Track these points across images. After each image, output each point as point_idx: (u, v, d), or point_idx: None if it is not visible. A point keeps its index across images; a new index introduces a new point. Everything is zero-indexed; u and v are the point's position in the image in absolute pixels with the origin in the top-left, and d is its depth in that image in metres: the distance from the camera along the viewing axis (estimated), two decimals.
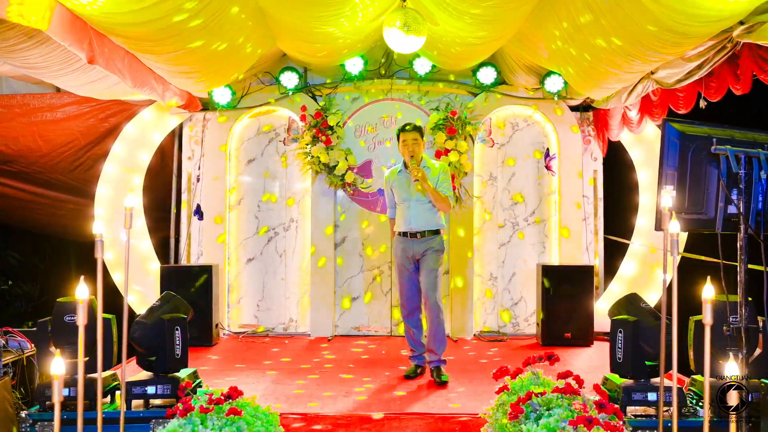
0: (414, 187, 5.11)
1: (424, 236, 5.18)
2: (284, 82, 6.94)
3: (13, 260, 7.17)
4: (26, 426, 3.96)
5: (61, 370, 2.22)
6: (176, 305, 4.51)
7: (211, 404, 3.51)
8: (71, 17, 4.03)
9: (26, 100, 6.57)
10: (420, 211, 5.18)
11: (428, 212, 5.19)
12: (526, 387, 3.77)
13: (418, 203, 5.17)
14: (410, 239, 5.20)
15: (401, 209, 5.26)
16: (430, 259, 5.17)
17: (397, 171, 5.34)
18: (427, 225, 5.19)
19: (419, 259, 5.21)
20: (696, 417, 3.94)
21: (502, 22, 5.23)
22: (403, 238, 5.23)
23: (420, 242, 5.18)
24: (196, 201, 7.13)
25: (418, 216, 5.18)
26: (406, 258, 5.22)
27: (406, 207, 5.23)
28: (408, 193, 5.20)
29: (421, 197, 5.15)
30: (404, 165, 5.26)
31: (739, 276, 3.40)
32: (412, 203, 5.20)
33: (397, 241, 5.29)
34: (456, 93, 7.13)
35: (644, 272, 7.06)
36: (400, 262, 5.27)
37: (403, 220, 5.24)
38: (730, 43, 4.17)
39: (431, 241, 5.18)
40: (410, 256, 5.21)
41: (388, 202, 5.48)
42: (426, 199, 5.15)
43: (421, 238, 5.18)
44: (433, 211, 5.21)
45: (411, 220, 5.20)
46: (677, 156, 3.45)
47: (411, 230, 5.20)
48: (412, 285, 5.24)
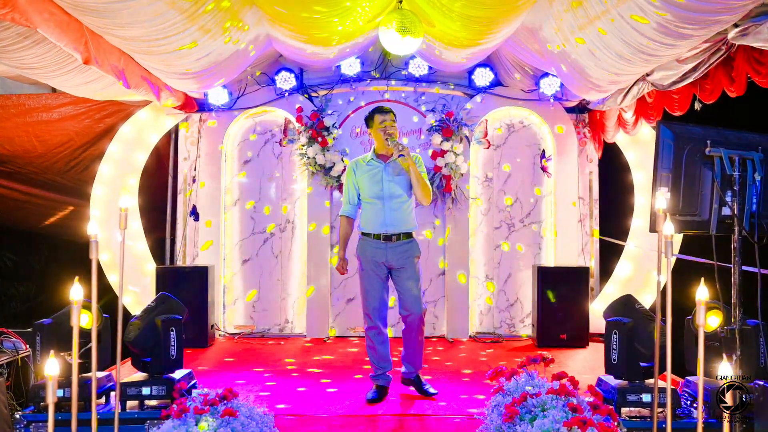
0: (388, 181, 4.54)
1: (400, 239, 4.54)
2: (280, 83, 6.94)
3: (8, 261, 7.16)
4: (20, 427, 3.95)
5: (55, 370, 2.22)
6: (171, 306, 4.50)
7: (206, 405, 3.51)
8: (67, 18, 4.03)
9: (22, 101, 6.56)
10: (395, 209, 4.54)
11: (404, 211, 4.57)
12: (522, 388, 3.78)
13: (393, 200, 4.54)
14: (383, 242, 4.54)
15: (370, 208, 4.59)
16: (412, 269, 4.57)
17: (366, 161, 4.66)
18: (404, 226, 4.56)
19: (394, 267, 4.57)
20: (690, 418, 3.95)
21: (497, 23, 5.24)
22: (374, 241, 4.55)
23: (396, 247, 4.54)
24: (192, 202, 7.12)
25: (393, 216, 4.54)
26: (376, 264, 4.55)
27: (378, 205, 4.56)
28: (380, 188, 4.56)
29: (396, 193, 4.54)
30: (375, 155, 4.66)
31: (733, 278, 3.41)
32: (385, 200, 4.55)
33: (366, 245, 4.60)
34: (452, 94, 7.13)
35: (639, 274, 7.07)
36: (369, 268, 4.58)
37: (374, 221, 4.57)
38: (724, 45, 4.18)
39: (409, 247, 4.57)
40: (382, 262, 4.55)
41: (348, 198, 4.69)
42: (402, 194, 4.55)
43: (396, 242, 4.54)
44: (409, 210, 4.60)
45: (386, 220, 4.54)
46: (672, 158, 3.47)
47: (386, 232, 4.53)
48: (381, 294, 4.59)
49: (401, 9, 5.20)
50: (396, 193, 4.55)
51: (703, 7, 3.56)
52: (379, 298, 4.59)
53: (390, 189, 4.55)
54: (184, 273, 6.58)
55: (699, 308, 2.72)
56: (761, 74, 4.16)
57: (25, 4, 3.57)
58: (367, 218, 4.61)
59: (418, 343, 4.61)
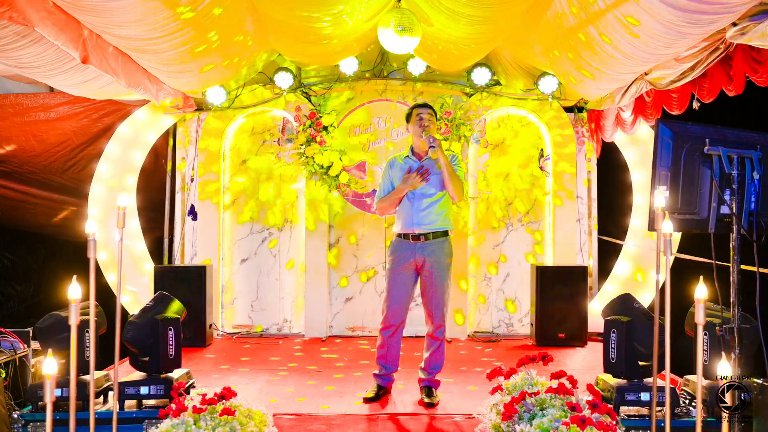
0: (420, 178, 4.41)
1: (429, 239, 4.41)
2: (278, 82, 6.92)
3: (6, 260, 7.15)
4: (18, 427, 3.95)
5: (53, 369, 2.21)
6: (170, 305, 4.50)
7: (205, 404, 3.51)
8: (65, 17, 4.02)
9: (19, 100, 6.55)
10: (424, 208, 4.42)
11: (435, 210, 4.43)
12: (520, 387, 3.78)
13: (423, 199, 4.43)
14: (413, 242, 4.43)
15: (401, 206, 4.50)
16: (441, 273, 4.42)
17: (403, 157, 4.59)
18: (434, 225, 4.42)
19: (422, 269, 4.44)
20: (689, 417, 3.95)
21: (496, 22, 5.24)
22: (404, 241, 4.46)
23: (425, 247, 4.41)
24: (190, 201, 7.11)
25: (423, 213, 4.42)
26: (403, 264, 4.45)
27: (408, 203, 4.46)
28: None
29: (428, 192, 4.42)
30: (412, 152, 4.57)
31: (731, 276, 3.41)
32: (415, 199, 4.43)
33: (397, 244, 4.52)
34: (450, 94, 7.13)
35: (638, 273, 7.07)
36: (395, 267, 4.49)
37: (405, 219, 4.46)
38: (723, 44, 4.18)
39: (439, 247, 4.42)
40: (410, 262, 4.44)
41: (384, 191, 4.59)
42: (434, 193, 4.43)
43: (425, 242, 4.41)
44: (442, 209, 4.45)
45: (414, 218, 4.42)
46: (670, 156, 3.46)
47: (414, 232, 4.41)
48: (405, 297, 4.49)
49: (399, 8, 5.20)
50: (428, 192, 4.44)
51: (702, 6, 3.56)
52: (399, 299, 4.48)
53: (421, 188, 4.44)
54: (183, 272, 6.57)
55: (698, 306, 2.72)
56: (759, 73, 4.16)
57: (22, 3, 3.56)
58: (399, 217, 4.54)
59: (439, 355, 4.50)
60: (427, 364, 4.53)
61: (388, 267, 4.59)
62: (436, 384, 4.58)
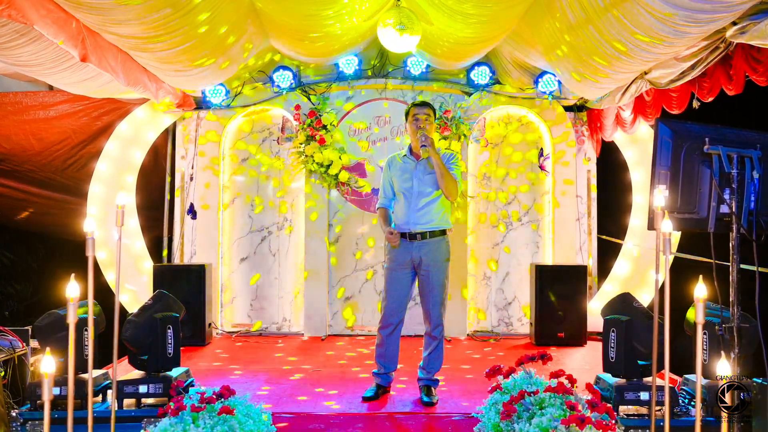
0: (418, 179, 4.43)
1: (426, 238, 4.40)
2: (278, 81, 6.91)
3: (5, 259, 7.14)
4: (17, 425, 3.94)
5: (51, 368, 2.21)
6: (169, 304, 4.50)
7: (203, 403, 3.50)
8: (64, 15, 4.02)
9: (19, 98, 6.54)
10: (423, 206, 4.41)
11: (433, 208, 4.41)
12: (519, 386, 3.77)
13: (420, 198, 4.41)
14: (409, 241, 4.42)
15: (398, 205, 4.51)
16: (437, 273, 4.43)
17: (402, 156, 4.58)
18: (431, 224, 4.42)
19: (419, 268, 4.45)
20: (688, 416, 3.95)
21: (496, 21, 5.24)
22: (401, 240, 4.46)
23: (421, 246, 4.41)
24: (190, 200, 7.11)
25: (420, 212, 4.41)
26: (401, 263, 4.46)
27: (404, 202, 4.45)
28: (410, 185, 4.44)
29: (425, 191, 4.41)
30: (410, 151, 4.56)
31: (731, 276, 3.41)
32: (412, 198, 4.42)
33: None
34: (450, 92, 7.12)
35: (637, 272, 7.06)
36: (393, 267, 4.49)
37: (401, 218, 4.47)
38: (723, 43, 4.18)
39: (436, 247, 4.42)
40: (408, 261, 4.45)
41: (384, 192, 4.61)
42: (431, 192, 4.41)
43: (422, 240, 4.40)
44: (439, 207, 4.43)
45: (411, 217, 4.42)
46: (670, 156, 3.46)
47: (410, 230, 4.41)
48: (403, 296, 4.50)
49: (399, 6, 5.19)
50: (425, 191, 4.43)
51: (702, 5, 3.55)
52: (397, 298, 4.49)
53: (418, 187, 4.43)
54: (182, 271, 6.56)
55: (698, 305, 2.71)
56: (759, 72, 4.15)
57: (22, 1, 3.56)
58: (396, 216, 4.54)
59: (438, 353, 4.50)
60: (426, 363, 4.55)
61: (386, 266, 4.60)
62: (435, 383, 4.59)
